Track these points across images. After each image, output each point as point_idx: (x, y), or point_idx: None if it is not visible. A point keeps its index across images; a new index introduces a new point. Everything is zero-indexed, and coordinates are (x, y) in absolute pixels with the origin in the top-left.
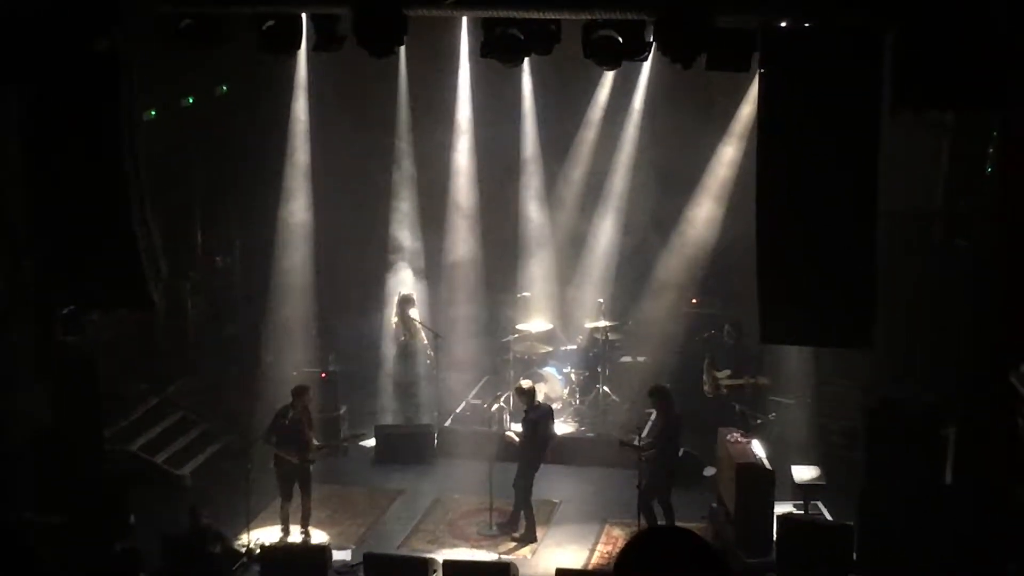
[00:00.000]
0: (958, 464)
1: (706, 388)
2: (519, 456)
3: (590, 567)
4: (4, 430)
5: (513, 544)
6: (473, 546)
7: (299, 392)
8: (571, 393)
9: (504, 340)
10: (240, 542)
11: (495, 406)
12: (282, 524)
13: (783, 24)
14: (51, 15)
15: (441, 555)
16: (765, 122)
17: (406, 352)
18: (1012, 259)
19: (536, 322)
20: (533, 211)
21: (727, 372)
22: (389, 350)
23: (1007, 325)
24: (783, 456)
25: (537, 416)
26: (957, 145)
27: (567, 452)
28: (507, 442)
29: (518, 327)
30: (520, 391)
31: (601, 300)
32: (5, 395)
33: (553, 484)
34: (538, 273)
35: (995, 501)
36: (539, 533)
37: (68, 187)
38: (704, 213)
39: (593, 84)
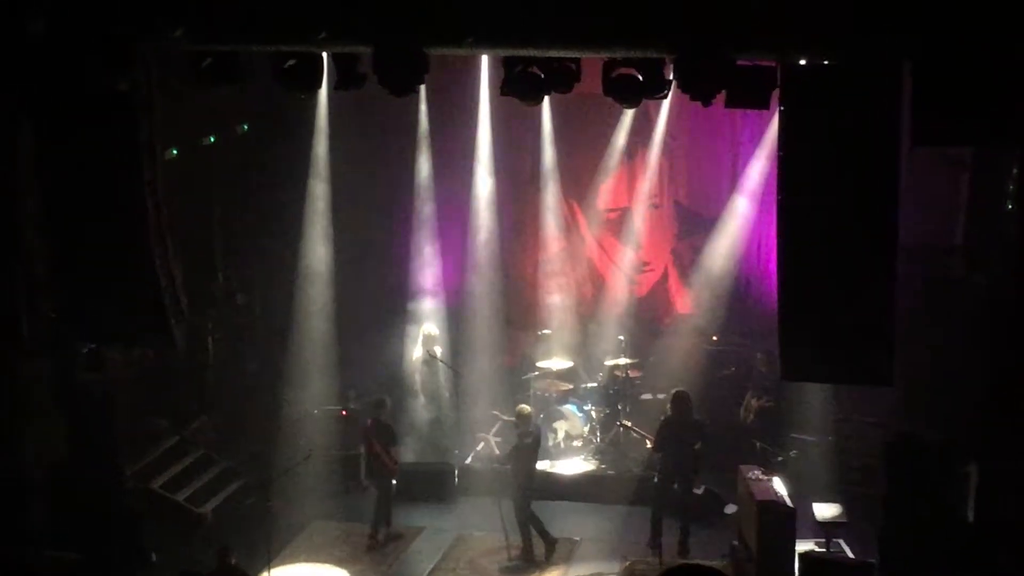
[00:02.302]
0: (980, 501)
1: (741, 415)
2: (512, 484)
3: None
4: (23, 466)
5: None
6: None
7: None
8: (591, 431)
9: (525, 377)
10: None
11: (480, 445)
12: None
13: (802, 62)
14: (72, 54)
15: None
16: (785, 159)
17: (429, 389)
18: None
19: (556, 360)
20: (553, 248)
21: (764, 399)
22: (412, 388)
23: None
24: (805, 493)
25: (528, 442)
26: (976, 181)
27: (587, 490)
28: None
29: (539, 364)
30: (520, 415)
31: (621, 337)
32: (24, 431)
33: (573, 522)
34: (559, 310)
35: (1017, 539)
36: (560, 572)
37: (88, 225)
38: (724, 250)
39: (614, 121)
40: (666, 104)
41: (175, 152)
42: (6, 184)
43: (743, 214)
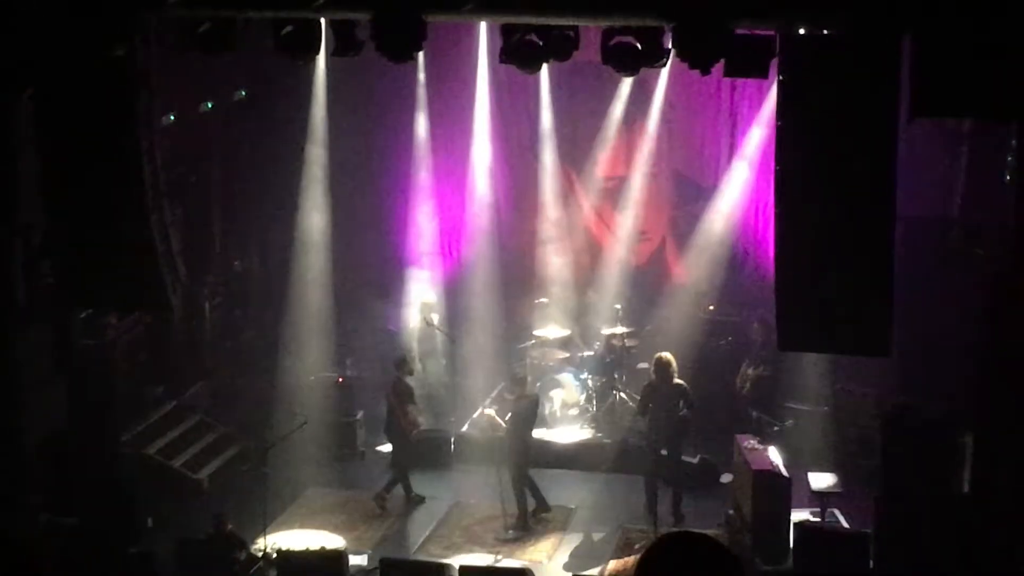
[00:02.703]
0: (975, 473)
1: (738, 384)
2: (508, 449)
3: (606, 574)
4: (21, 432)
5: (529, 549)
6: (490, 552)
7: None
8: (588, 399)
9: (521, 346)
10: (256, 546)
11: (482, 411)
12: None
13: (801, 31)
14: (68, 21)
15: (457, 560)
16: (783, 129)
17: (427, 357)
18: None
19: (553, 328)
20: (551, 217)
21: (762, 369)
22: (409, 355)
23: (1022, 333)
24: (800, 463)
25: (523, 406)
26: (975, 153)
27: (583, 458)
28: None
29: (535, 333)
30: (515, 379)
31: (618, 306)
32: (22, 397)
33: (569, 490)
34: (556, 279)
35: (1012, 511)
36: (555, 539)
37: (86, 191)
38: (721, 219)
39: (612, 89)
40: (665, 72)
41: (172, 118)
42: (3, 150)
43: (741, 183)
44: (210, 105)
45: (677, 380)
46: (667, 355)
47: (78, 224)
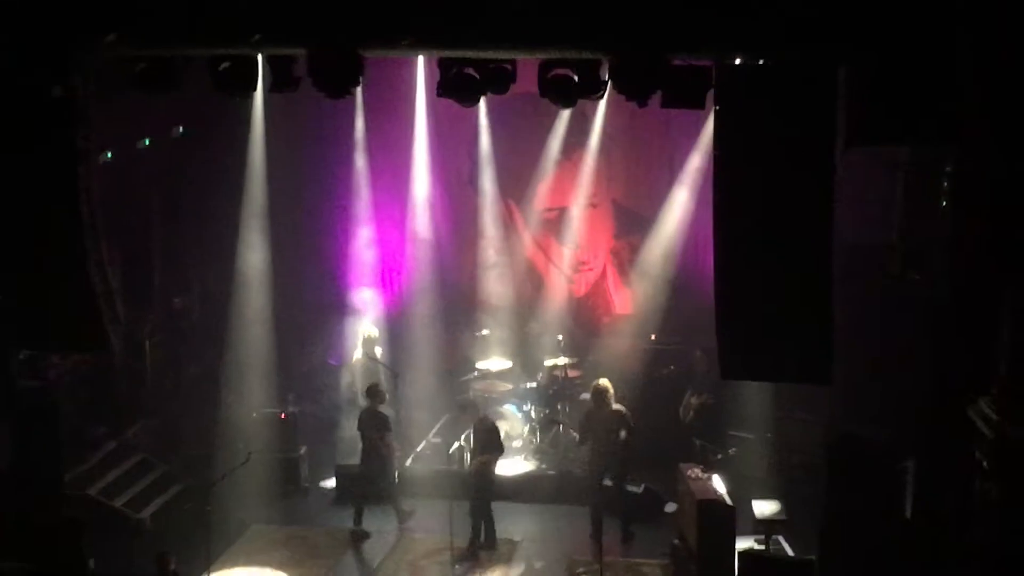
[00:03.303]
0: (918, 498)
1: (681, 413)
2: (471, 476)
3: None
4: None
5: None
6: None
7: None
8: (531, 431)
9: (464, 379)
10: None
11: (455, 445)
12: None
13: (737, 62)
14: (4, 59)
15: None
16: (720, 158)
17: (371, 392)
18: (967, 294)
19: (495, 360)
20: (492, 248)
21: (705, 397)
22: (351, 389)
23: (964, 359)
24: (744, 491)
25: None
26: (911, 179)
27: (527, 490)
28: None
29: (478, 365)
30: (466, 404)
31: (560, 337)
32: None
33: (514, 522)
34: (497, 310)
35: (954, 536)
36: (501, 572)
37: (22, 230)
38: (661, 249)
39: (550, 120)
40: (603, 104)
41: (109, 156)
42: None
43: (680, 213)
44: (147, 142)
45: (616, 406)
46: (604, 381)
47: (16, 264)
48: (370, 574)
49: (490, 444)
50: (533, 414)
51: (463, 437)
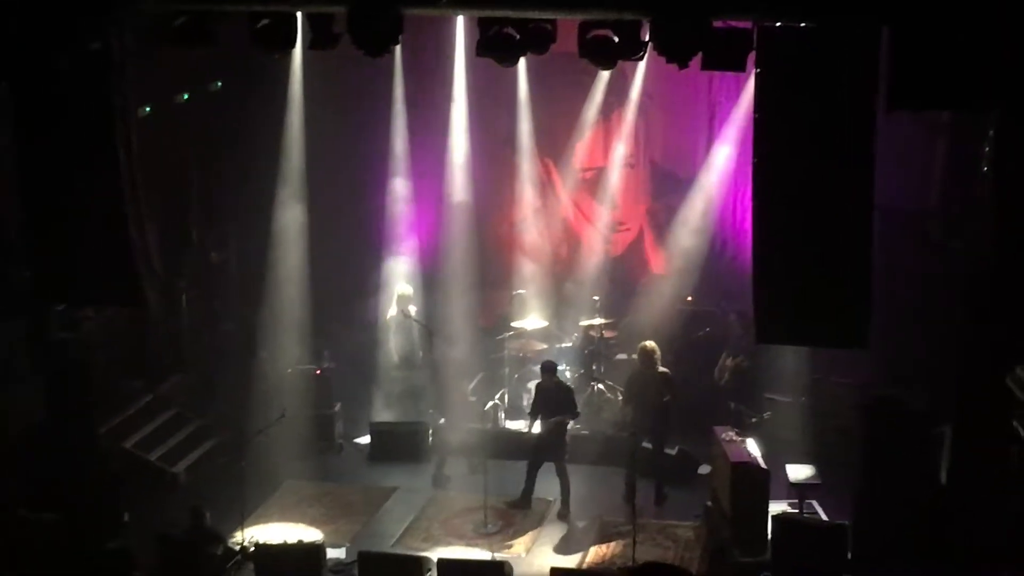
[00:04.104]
0: (953, 464)
1: (716, 376)
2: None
3: (584, 566)
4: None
5: (508, 541)
6: (468, 544)
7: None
8: None
9: (499, 337)
10: (234, 540)
11: (489, 404)
12: None
13: (779, 24)
14: (44, 14)
15: (435, 554)
16: (761, 121)
17: (403, 349)
18: (1007, 260)
19: (531, 319)
20: (529, 208)
21: (740, 360)
22: (386, 347)
23: (1003, 327)
24: (778, 455)
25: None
26: (953, 144)
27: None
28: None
29: (513, 324)
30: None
31: (596, 297)
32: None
33: (548, 482)
34: (534, 270)
35: (990, 502)
36: (534, 532)
37: (62, 184)
38: (699, 211)
39: (589, 80)
40: (642, 63)
41: (148, 110)
42: None
43: (719, 175)
44: (186, 97)
45: (661, 368)
46: (651, 343)
47: (54, 218)
48: (402, 532)
49: (566, 405)
50: (568, 374)
51: (497, 396)
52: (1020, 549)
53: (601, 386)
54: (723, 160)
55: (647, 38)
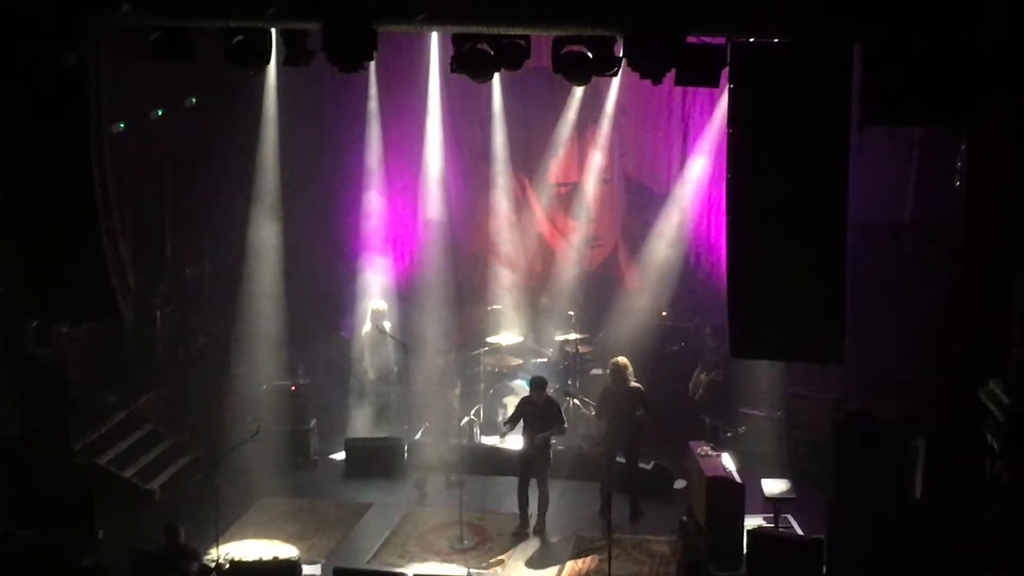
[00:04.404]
0: (928, 478)
1: (691, 390)
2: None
3: None
4: None
5: (484, 557)
6: (443, 560)
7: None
8: None
9: (474, 353)
10: (209, 557)
11: (465, 419)
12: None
13: (752, 40)
14: (19, 28)
15: (411, 569)
16: (734, 137)
17: (378, 364)
18: (980, 273)
19: (507, 335)
20: (504, 223)
21: (714, 374)
22: (360, 363)
23: (976, 340)
24: (753, 469)
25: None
26: (925, 158)
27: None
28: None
29: (488, 340)
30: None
31: (572, 312)
32: None
33: None
34: (509, 285)
35: (965, 516)
36: (509, 547)
37: (36, 200)
38: (673, 225)
39: (564, 95)
40: (617, 79)
41: (123, 126)
42: None
43: (693, 190)
44: (160, 112)
45: (633, 383)
46: (623, 359)
47: (28, 233)
48: (378, 548)
49: (554, 419)
50: None
51: (473, 411)
52: (995, 562)
53: (576, 401)
54: (697, 175)
55: (621, 54)
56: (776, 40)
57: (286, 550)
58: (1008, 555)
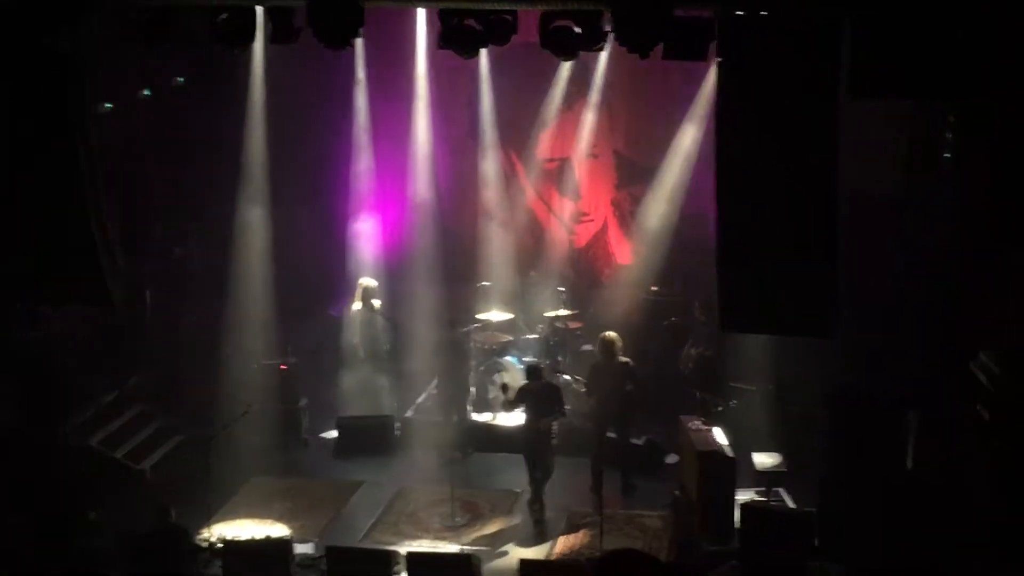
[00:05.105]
0: (919, 451)
1: (681, 365)
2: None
3: (552, 557)
4: None
5: (476, 534)
6: (436, 538)
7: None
8: None
9: (464, 330)
10: (201, 537)
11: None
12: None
13: (739, 13)
14: (4, 11)
15: (404, 547)
16: (723, 110)
17: (368, 342)
18: (971, 247)
19: (496, 311)
20: (493, 199)
21: (704, 348)
22: (351, 341)
23: (966, 313)
24: (745, 443)
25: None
26: (915, 131)
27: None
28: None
29: (478, 316)
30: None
31: (561, 288)
32: None
33: (514, 474)
34: (498, 262)
35: (955, 488)
36: (501, 523)
37: (23, 182)
38: (663, 200)
39: (552, 70)
40: (604, 53)
41: (109, 107)
42: None
43: (682, 164)
44: (147, 92)
45: (622, 358)
46: (611, 333)
47: (16, 216)
48: (370, 526)
49: (554, 404)
50: None
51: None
52: (986, 535)
53: (567, 377)
54: (686, 149)
55: (608, 28)
56: (763, 13)
57: (278, 529)
58: (998, 527)
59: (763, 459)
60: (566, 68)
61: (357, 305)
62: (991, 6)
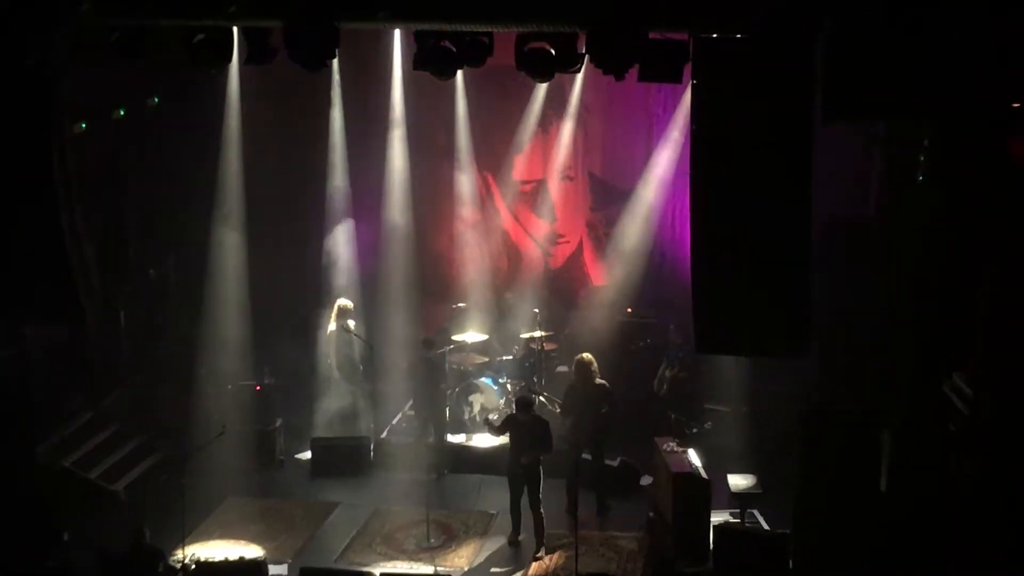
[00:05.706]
0: (893, 471)
1: (656, 387)
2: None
3: None
4: None
5: (450, 555)
6: (410, 559)
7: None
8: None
9: (440, 351)
10: (175, 557)
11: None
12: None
13: (714, 36)
14: None
15: (378, 568)
16: (698, 132)
17: (344, 363)
18: (944, 268)
19: (472, 333)
20: (468, 221)
21: (679, 370)
22: (326, 362)
23: (940, 334)
24: (719, 465)
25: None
26: (889, 153)
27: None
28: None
29: (454, 337)
30: (524, 402)
31: (536, 310)
32: None
33: (489, 495)
34: (474, 283)
35: (928, 509)
36: (476, 545)
37: None
38: (638, 222)
39: (527, 92)
40: (580, 75)
41: (84, 126)
42: None
43: (658, 186)
44: (123, 112)
45: (599, 380)
46: (587, 356)
47: None
48: (345, 547)
49: (543, 440)
50: (509, 387)
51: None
52: (960, 554)
53: (542, 398)
54: (662, 171)
55: (584, 50)
56: (738, 35)
57: (252, 550)
58: (972, 545)
59: (738, 481)
60: (542, 90)
61: (333, 326)
62: (966, 27)
